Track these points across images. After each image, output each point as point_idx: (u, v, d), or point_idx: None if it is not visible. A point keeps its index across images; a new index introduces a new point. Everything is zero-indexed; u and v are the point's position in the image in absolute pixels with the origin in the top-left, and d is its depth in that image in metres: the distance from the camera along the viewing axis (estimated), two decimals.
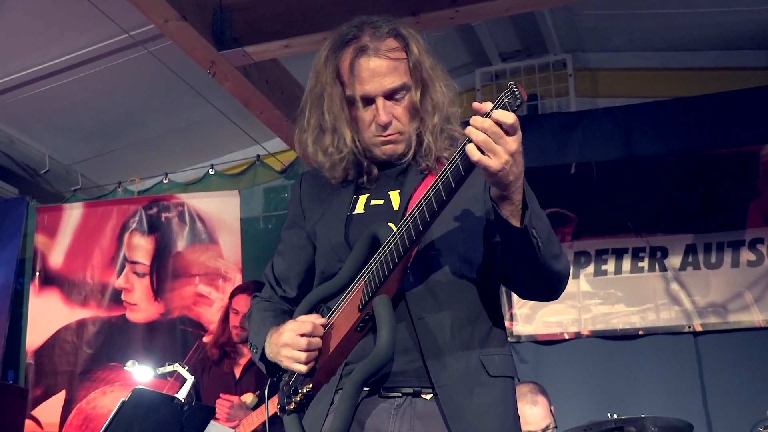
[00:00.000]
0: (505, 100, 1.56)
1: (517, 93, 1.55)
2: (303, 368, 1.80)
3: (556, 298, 1.86)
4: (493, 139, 1.56)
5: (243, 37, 4.03)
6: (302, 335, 1.79)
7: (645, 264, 4.72)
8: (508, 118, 1.55)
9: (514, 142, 1.57)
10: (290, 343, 1.80)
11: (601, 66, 5.27)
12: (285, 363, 1.83)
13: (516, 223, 1.65)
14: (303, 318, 1.82)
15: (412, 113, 1.86)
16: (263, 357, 1.91)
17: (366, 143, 1.89)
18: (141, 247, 5.54)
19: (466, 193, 1.79)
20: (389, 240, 1.73)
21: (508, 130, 1.56)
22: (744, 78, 4.84)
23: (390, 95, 1.84)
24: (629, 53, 5.18)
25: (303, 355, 1.79)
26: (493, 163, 1.57)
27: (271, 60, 4.44)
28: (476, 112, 1.59)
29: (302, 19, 3.93)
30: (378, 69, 1.82)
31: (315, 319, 1.81)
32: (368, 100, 1.85)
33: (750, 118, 4.68)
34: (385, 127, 1.84)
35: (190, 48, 4.03)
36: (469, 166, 1.60)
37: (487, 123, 1.56)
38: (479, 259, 1.84)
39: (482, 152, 1.57)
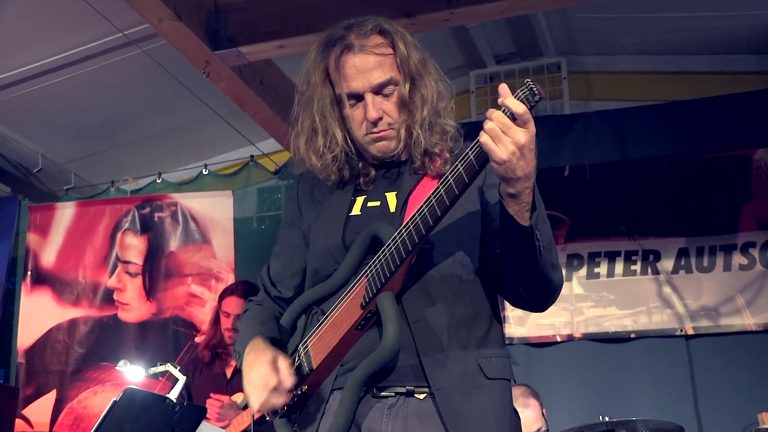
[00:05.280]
0: (521, 96, 1.57)
1: (534, 89, 1.56)
2: (255, 407, 1.80)
3: (544, 310, 1.86)
4: (501, 128, 1.57)
5: (237, 37, 4.04)
6: (265, 386, 1.77)
7: (637, 267, 4.73)
8: (518, 107, 1.56)
9: (523, 135, 1.57)
10: (256, 384, 1.80)
11: (595, 69, 5.28)
12: (246, 394, 1.83)
13: (522, 222, 1.65)
14: (282, 365, 1.77)
15: (402, 108, 1.85)
16: None
17: (359, 142, 1.89)
18: (134, 247, 5.52)
19: (462, 197, 1.80)
20: (395, 236, 1.72)
21: (518, 121, 1.56)
22: (737, 82, 4.85)
23: (378, 90, 1.84)
24: (623, 56, 5.19)
25: (260, 401, 1.78)
26: (498, 151, 1.57)
27: (266, 60, 4.44)
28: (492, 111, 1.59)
29: (297, 19, 3.94)
30: (364, 65, 1.83)
31: (286, 373, 1.76)
32: (357, 97, 1.85)
33: (743, 122, 4.69)
34: (375, 123, 1.84)
35: (184, 48, 4.03)
36: (484, 160, 1.61)
37: (498, 113, 1.57)
38: (476, 262, 1.83)
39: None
